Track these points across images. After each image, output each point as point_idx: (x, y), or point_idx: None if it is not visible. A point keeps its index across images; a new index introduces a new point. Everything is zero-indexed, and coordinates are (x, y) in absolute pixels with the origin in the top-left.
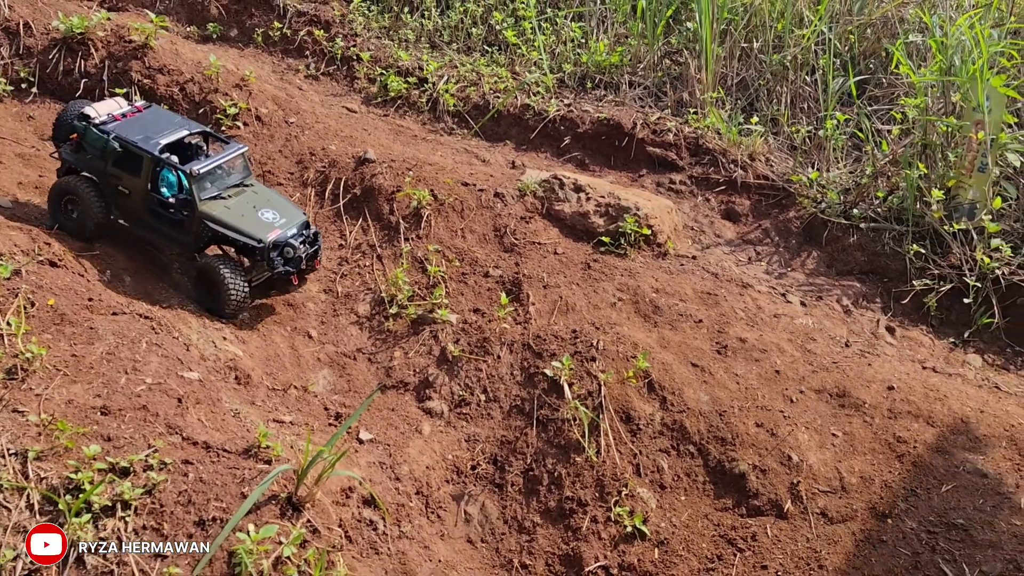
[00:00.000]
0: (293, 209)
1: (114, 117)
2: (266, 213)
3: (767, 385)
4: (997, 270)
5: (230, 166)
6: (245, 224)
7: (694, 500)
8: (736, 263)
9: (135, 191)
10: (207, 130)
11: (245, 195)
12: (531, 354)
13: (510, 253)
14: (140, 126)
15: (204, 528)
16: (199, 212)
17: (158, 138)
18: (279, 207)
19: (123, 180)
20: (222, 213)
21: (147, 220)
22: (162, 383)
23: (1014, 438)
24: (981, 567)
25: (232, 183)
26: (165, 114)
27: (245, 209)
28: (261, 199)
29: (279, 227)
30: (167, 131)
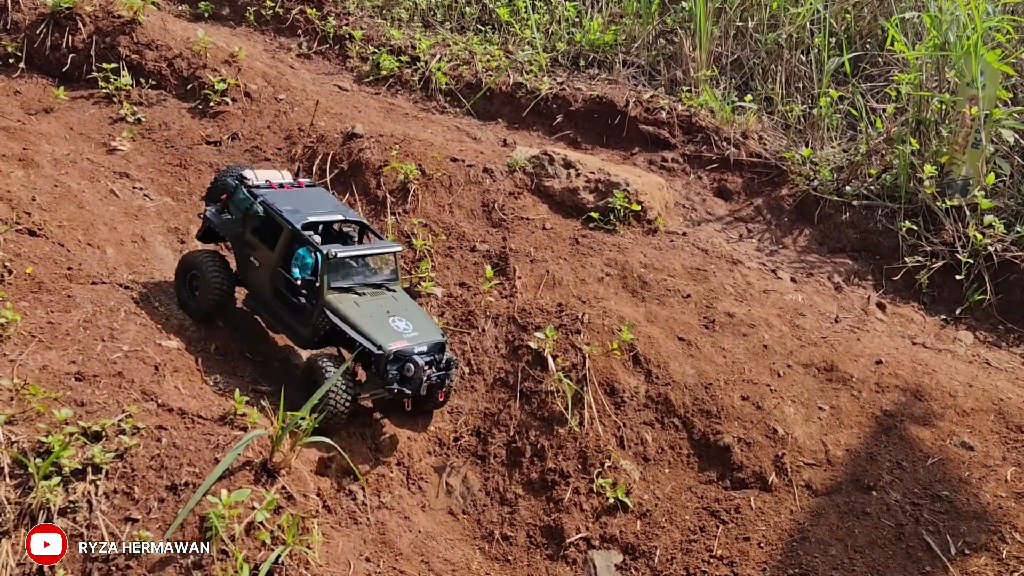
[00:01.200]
0: (431, 326)
1: (271, 185)
2: (398, 322)
3: (754, 359)
4: (990, 247)
5: (375, 264)
6: (369, 326)
7: (678, 472)
8: (727, 240)
9: (265, 265)
10: (364, 222)
11: (382, 299)
12: (516, 327)
13: (498, 228)
14: (293, 199)
15: (176, 493)
16: (323, 300)
17: (307, 214)
18: (415, 319)
19: (257, 251)
20: (348, 308)
21: (269, 300)
22: (139, 351)
23: (1002, 412)
24: (965, 538)
25: (372, 283)
26: (326, 196)
27: (376, 312)
28: (399, 307)
29: (407, 339)
30: (319, 211)
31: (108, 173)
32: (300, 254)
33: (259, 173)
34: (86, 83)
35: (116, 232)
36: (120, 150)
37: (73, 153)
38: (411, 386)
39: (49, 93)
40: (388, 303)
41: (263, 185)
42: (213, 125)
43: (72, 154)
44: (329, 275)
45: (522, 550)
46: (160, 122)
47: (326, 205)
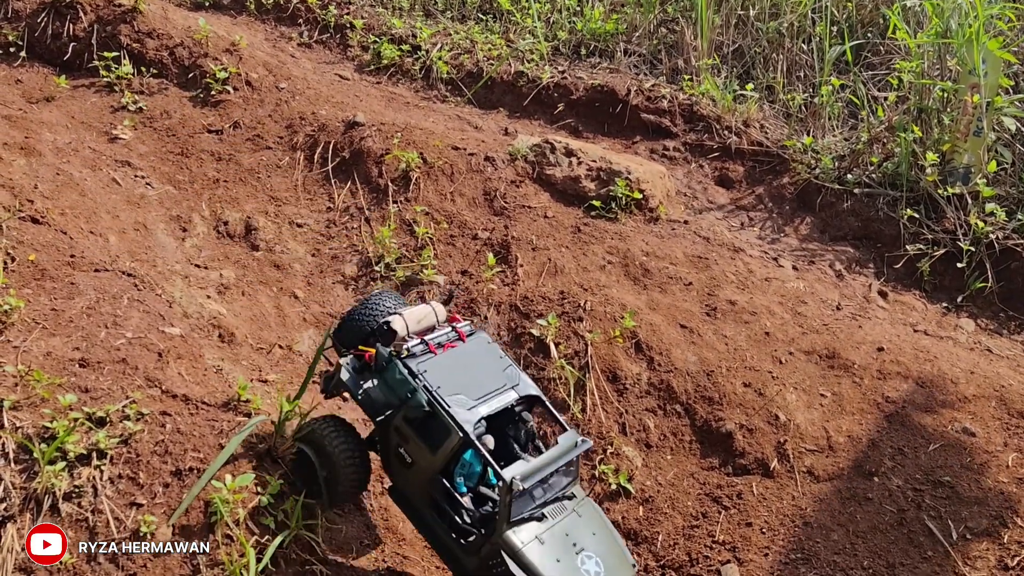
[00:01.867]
0: (621, 559)
1: (428, 348)
2: (588, 562)
3: (756, 346)
4: (991, 235)
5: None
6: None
7: (680, 459)
8: (728, 228)
9: (420, 466)
10: (539, 395)
11: (566, 522)
12: (518, 315)
13: (499, 217)
14: (458, 372)
15: (181, 478)
16: (498, 538)
17: (478, 404)
18: (605, 553)
19: (411, 444)
20: (531, 552)
21: (421, 506)
22: (143, 337)
23: (1003, 398)
24: (967, 523)
25: (551, 499)
26: (491, 352)
27: (562, 549)
28: (584, 531)
29: None
30: (490, 391)
31: (110, 161)
32: (466, 460)
33: (409, 317)
34: (87, 72)
35: (118, 220)
36: (122, 139)
37: (75, 142)
38: None
39: (50, 82)
40: (573, 527)
41: (418, 349)
42: (215, 114)
43: (74, 143)
44: (511, 510)
45: None
46: (161, 111)
47: (496, 374)
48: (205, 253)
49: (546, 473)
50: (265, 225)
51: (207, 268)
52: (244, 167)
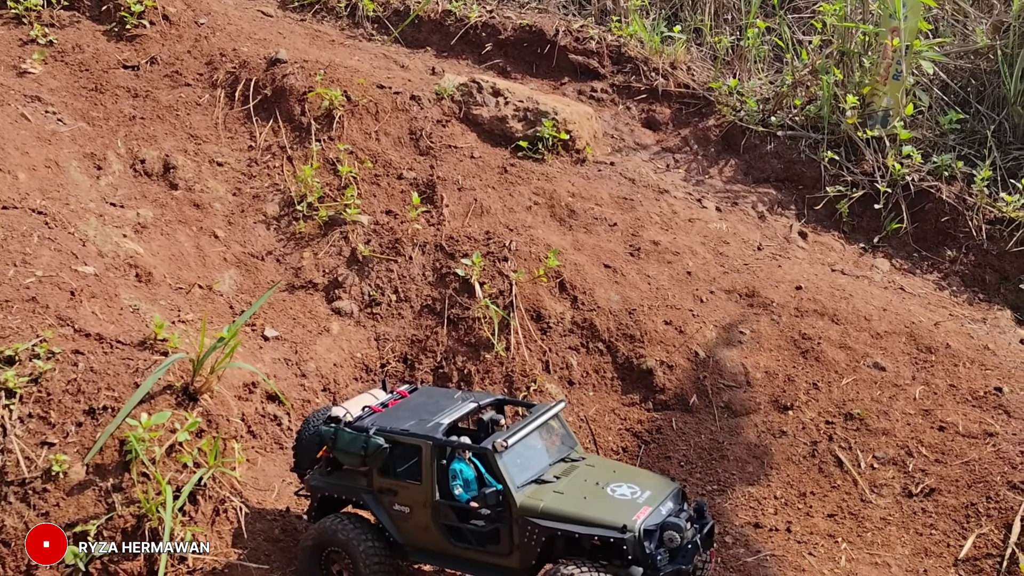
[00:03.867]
0: (656, 477)
1: (372, 410)
2: (619, 488)
3: (678, 286)
4: (907, 176)
5: (546, 437)
6: (594, 510)
7: (602, 395)
8: (654, 170)
9: (417, 505)
10: (502, 397)
11: (578, 471)
12: (443, 255)
13: (425, 156)
14: (408, 411)
15: (94, 417)
16: (518, 509)
17: (437, 418)
18: (634, 477)
19: (399, 494)
20: (554, 502)
21: (444, 545)
22: (54, 276)
23: (913, 334)
24: (874, 453)
25: (553, 461)
26: (440, 391)
27: (587, 489)
28: (603, 472)
29: (646, 503)
30: (448, 408)
31: (18, 96)
32: (455, 470)
33: (350, 405)
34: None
35: (28, 157)
36: (31, 73)
37: None
38: (686, 558)
39: None
40: (589, 473)
41: (365, 414)
42: (130, 49)
43: None
44: (511, 472)
45: None
46: (73, 44)
47: (449, 400)
48: (121, 192)
49: (525, 433)
50: (184, 163)
51: (123, 207)
52: (162, 104)
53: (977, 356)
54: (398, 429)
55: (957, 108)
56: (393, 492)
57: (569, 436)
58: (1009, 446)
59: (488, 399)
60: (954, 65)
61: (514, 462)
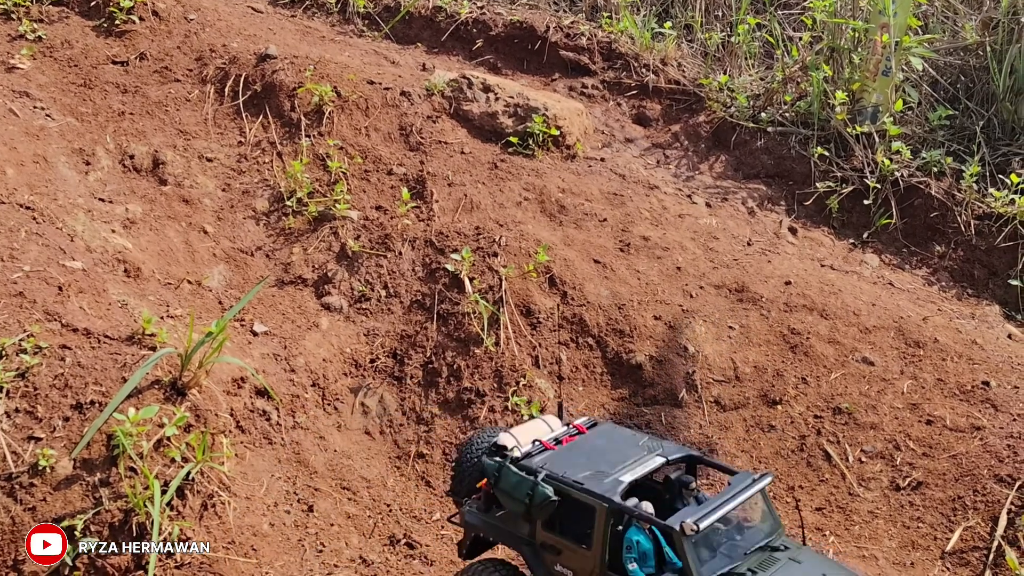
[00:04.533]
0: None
1: (544, 445)
2: None
3: (668, 281)
4: (897, 172)
5: (745, 516)
6: None
7: (591, 390)
8: (644, 166)
9: (583, 572)
10: (696, 454)
11: (781, 570)
12: (433, 250)
13: (415, 152)
14: (584, 457)
15: (82, 412)
16: None
17: (618, 473)
18: None
19: (563, 555)
20: None
21: None
22: (41, 271)
23: (902, 329)
24: (862, 447)
25: (751, 549)
26: (622, 434)
27: None
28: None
29: None
30: (631, 460)
31: (7, 92)
32: (631, 540)
33: (519, 432)
34: None
35: (15, 152)
36: (20, 68)
37: None
38: None
39: None
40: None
41: (535, 450)
42: (119, 44)
43: None
44: (699, 561)
45: (438, 468)
46: (62, 40)
47: (634, 448)
48: (110, 187)
49: (720, 514)
50: (173, 159)
51: (112, 202)
52: (151, 100)
53: (965, 351)
54: (571, 480)
55: (946, 104)
56: (557, 551)
57: (772, 517)
58: (996, 440)
59: (678, 454)
60: (943, 61)
61: (704, 546)
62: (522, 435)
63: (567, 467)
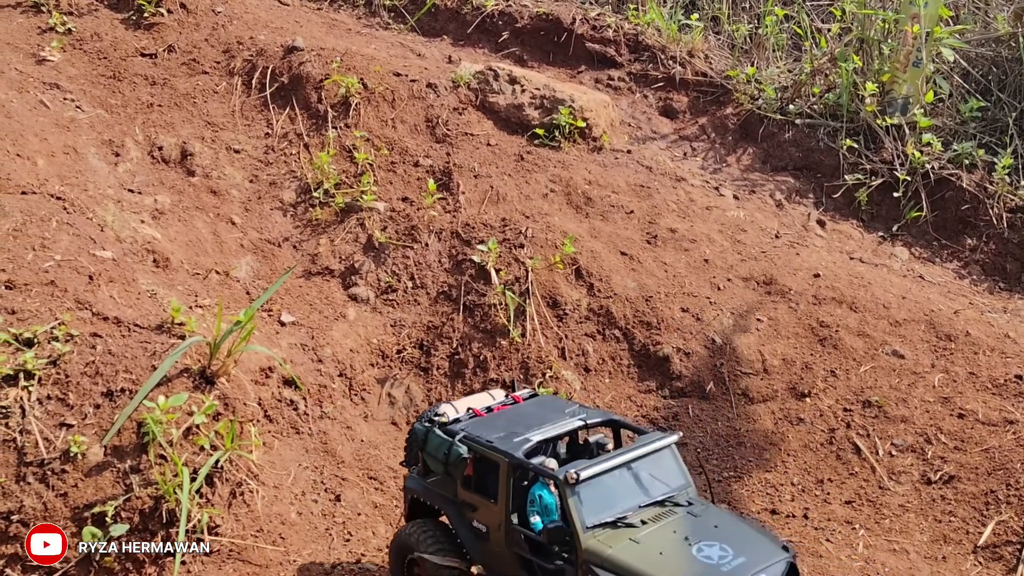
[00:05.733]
0: (764, 542)
1: (475, 413)
2: (708, 548)
3: (695, 273)
4: (927, 164)
5: (647, 473)
6: (662, 570)
7: (618, 382)
8: (671, 158)
9: (493, 527)
10: (616, 418)
11: (673, 520)
12: (459, 241)
13: (442, 144)
14: (508, 420)
15: (112, 399)
16: (583, 553)
17: (529, 433)
18: (735, 537)
19: (479, 511)
20: (623, 552)
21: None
22: (72, 260)
23: (932, 322)
24: (893, 440)
25: (647, 502)
26: (554, 403)
27: (670, 543)
28: (702, 525)
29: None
30: (547, 424)
31: (37, 84)
32: (535, 495)
33: (461, 403)
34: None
35: (47, 143)
36: (50, 61)
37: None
38: None
39: None
40: (684, 525)
41: (465, 416)
42: (148, 37)
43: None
44: (581, 508)
45: None
46: (92, 33)
47: (558, 413)
48: (139, 178)
49: (605, 467)
50: (201, 151)
51: (141, 193)
52: (179, 92)
53: (997, 344)
54: (483, 440)
55: (978, 96)
56: (474, 508)
57: (682, 475)
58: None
59: (599, 418)
60: (975, 52)
61: (591, 498)
62: (462, 406)
63: (486, 430)
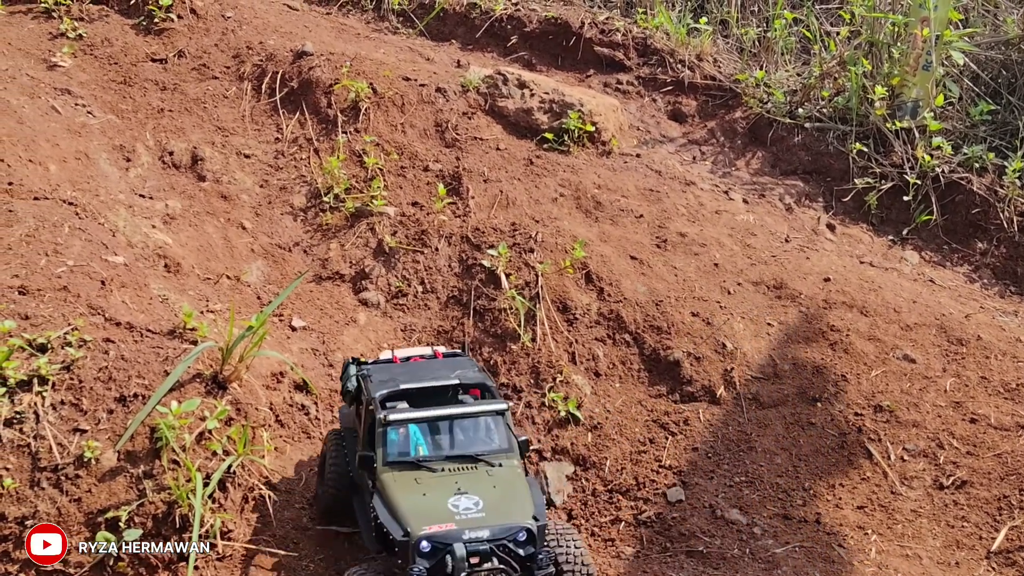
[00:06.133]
0: (517, 507)
1: (392, 359)
2: (462, 500)
3: (705, 277)
4: (937, 168)
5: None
6: (406, 507)
7: (628, 387)
8: (680, 162)
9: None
10: (487, 383)
11: (467, 474)
12: (469, 246)
13: (451, 148)
14: (406, 370)
15: (125, 404)
16: (376, 480)
17: (402, 381)
18: (495, 497)
19: (356, 438)
20: (399, 487)
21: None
22: (85, 266)
23: (944, 326)
24: (904, 445)
25: (459, 455)
26: (458, 363)
27: (436, 490)
28: (484, 483)
29: (457, 521)
30: (426, 376)
31: (49, 89)
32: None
33: (400, 352)
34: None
35: (58, 149)
36: (61, 66)
37: (11, 69)
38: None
39: None
40: (470, 479)
41: (382, 360)
42: (158, 42)
43: (10, 69)
44: (387, 446)
45: None
46: (103, 38)
47: (444, 370)
48: (150, 183)
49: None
50: (212, 156)
51: (152, 198)
52: (189, 97)
53: (1009, 348)
54: (370, 378)
55: (988, 99)
56: (356, 434)
57: (507, 441)
58: None
59: (473, 382)
60: (985, 56)
61: (400, 439)
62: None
63: (384, 375)
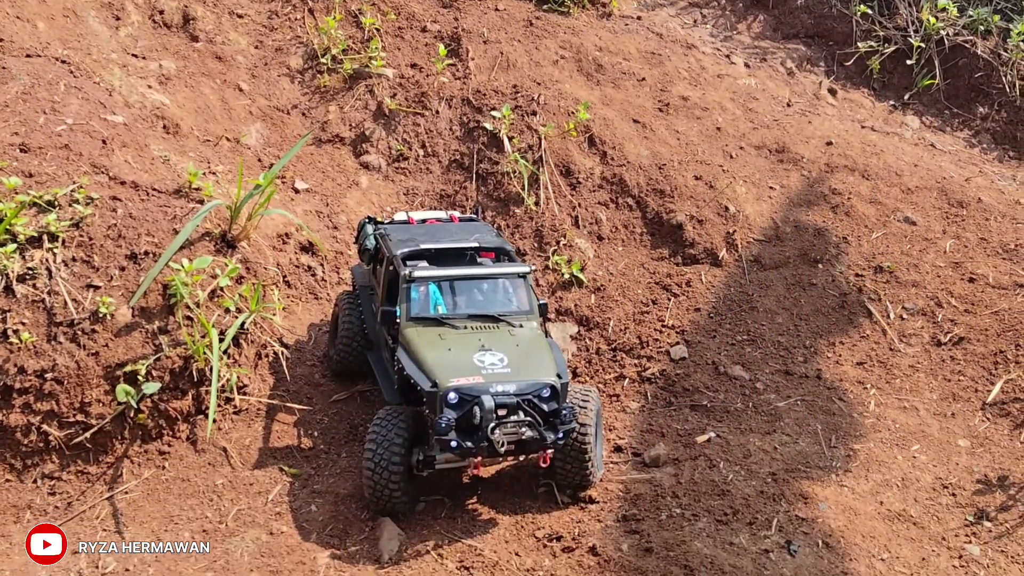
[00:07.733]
0: (539, 364)
1: (409, 221)
2: (488, 356)
3: (707, 141)
4: (942, 31)
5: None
6: (433, 360)
7: (631, 250)
8: (682, 25)
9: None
10: (505, 247)
11: (490, 332)
12: (471, 109)
13: (448, 8)
14: (425, 232)
15: (136, 262)
16: (400, 335)
17: (422, 241)
18: (518, 354)
19: (375, 293)
20: (424, 342)
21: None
22: (84, 124)
23: (944, 189)
24: (904, 304)
25: (480, 314)
26: (474, 226)
27: (464, 346)
28: (507, 341)
29: (484, 375)
30: (445, 238)
31: None
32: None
33: (416, 214)
34: None
35: (45, 5)
36: None
37: None
38: (476, 439)
39: None
40: (494, 337)
41: (399, 221)
42: None
43: None
44: (411, 302)
45: None
46: None
47: (465, 233)
48: (142, 43)
49: (443, 274)
50: (204, 15)
51: (145, 58)
52: None
53: (1008, 211)
54: (388, 237)
55: None
56: (373, 291)
57: (529, 304)
58: None
59: (491, 244)
60: None
61: (424, 296)
62: (415, 215)
63: (403, 234)
